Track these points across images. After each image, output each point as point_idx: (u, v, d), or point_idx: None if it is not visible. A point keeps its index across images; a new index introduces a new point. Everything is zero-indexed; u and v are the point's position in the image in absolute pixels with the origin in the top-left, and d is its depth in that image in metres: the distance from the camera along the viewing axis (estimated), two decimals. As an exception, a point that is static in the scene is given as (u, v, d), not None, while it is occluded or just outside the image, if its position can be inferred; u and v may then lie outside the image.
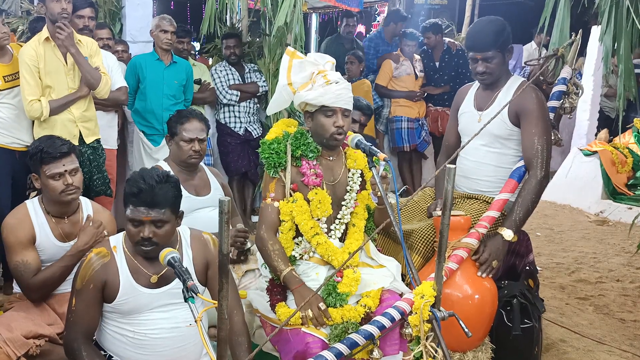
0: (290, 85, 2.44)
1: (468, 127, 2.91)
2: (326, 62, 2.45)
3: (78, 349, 2.07)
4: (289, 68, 2.44)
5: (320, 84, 2.35)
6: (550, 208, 6.53)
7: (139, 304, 2.12)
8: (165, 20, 4.42)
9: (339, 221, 2.48)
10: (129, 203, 2.06)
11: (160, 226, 2.06)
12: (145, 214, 2.03)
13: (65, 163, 2.54)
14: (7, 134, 3.44)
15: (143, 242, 2.07)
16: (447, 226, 1.91)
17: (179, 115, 3.05)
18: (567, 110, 3.09)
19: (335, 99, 2.34)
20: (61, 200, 2.55)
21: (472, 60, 2.80)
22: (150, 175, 2.07)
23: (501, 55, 2.75)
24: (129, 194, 2.05)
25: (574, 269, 4.63)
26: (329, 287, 2.33)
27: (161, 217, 2.05)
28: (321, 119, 2.38)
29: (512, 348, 2.70)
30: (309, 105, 2.40)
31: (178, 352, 2.16)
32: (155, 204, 2.03)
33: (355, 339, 2.08)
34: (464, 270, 2.55)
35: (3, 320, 2.44)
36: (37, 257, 2.54)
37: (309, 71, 2.42)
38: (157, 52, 4.47)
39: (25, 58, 3.33)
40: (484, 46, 2.73)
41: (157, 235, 2.06)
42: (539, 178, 2.65)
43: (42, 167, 2.53)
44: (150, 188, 2.02)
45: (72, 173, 2.55)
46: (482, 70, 2.77)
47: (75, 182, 2.55)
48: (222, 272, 1.48)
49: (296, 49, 2.54)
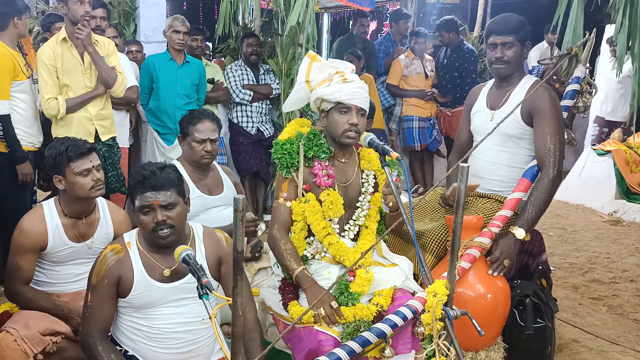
0: (307, 83, 2.47)
1: (480, 126, 2.91)
2: (346, 68, 2.48)
3: (94, 344, 2.10)
4: (308, 68, 2.47)
5: (337, 81, 2.39)
6: (563, 208, 6.49)
7: (152, 298, 2.15)
8: (178, 21, 4.46)
9: (353, 222, 2.49)
10: (136, 193, 2.11)
11: (171, 208, 2.11)
12: (154, 198, 2.08)
13: (91, 159, 2.57)
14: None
15: (159, 227, 2.10)
16: (460, 225, 1.91)
17: (190, 115, 3.06)
18: (580, 110, 3.07)
19: (350, 95, 2.36)
20: (89, 197, 2.56)
21: (491, 46, 2.79)
22: (149, 164, 2.17)
23: (520, 46, 2.75)
24: (134, 184, 2.12)
25: (587, 269, 4.60)
26: (341, 286, 2.34)
27: (168, 199, 2.10)
28: (336, 116, 2.39)
29: (525, 348, 2.69)
30: (325, 102, 2.41)
31: (191, 347, 2.19)
32: (161, 187, 2.09)
33: (368, 337, 2.09)
34: (476, 270, 2.55)
35: (20, 317, 2.47)
36: (32, 268, 2.56)
37: (327, 72, 2.45)
38: (170, 52, 4.51)
39: (44, 57, 3.39)
40: (506, 29, 2.73)
41: (170, 218, 2.10)
42: (552, 177, 2.64)
43: (70, 165, 2.53)
44: (153, 173, 2.10)
45: (97, 169, 2.59)
46: (500, 56, 2.76)
47: (102, 178, 2.59)
48: (236, 269, 1.49)
49: (308, 49, 2.56)
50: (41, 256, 2.59)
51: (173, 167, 2.20)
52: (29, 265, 2.55)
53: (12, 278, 2.55)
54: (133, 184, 2.12)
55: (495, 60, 2.78)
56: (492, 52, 2.79)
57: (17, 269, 2.53)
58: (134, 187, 2.12)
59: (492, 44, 2.79)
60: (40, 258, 2.59)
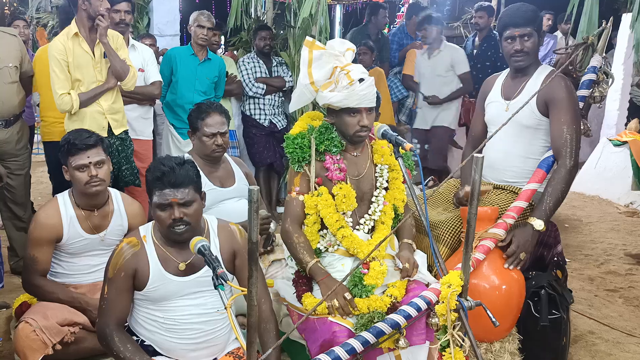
0: (312, 85, 2.39)
1: (495, 117, 2.89)
2: (346, 50, 2.37)
3: (110, 335, 2.13)
4: (309, 63, 2.37)
5: (343, 84, 2.30)
6: (579, 199, 6.43)
7: (168, 292, 2.17)
8: (204, 16, 4.46)
9: (368, 217, 2.48)
10: (154, 189, 2.12)
11: (188, 205, 2.12)
12: (172, 195, 2.09)
13: (90, 155, 2.58)
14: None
15: (175, 224, 2.11)
16: (474, 216, 1.90)
17: (198, 110, 3.05)
18: (597, 100, 3.04)
19: (359, 100, 2.31)
20: (87, 192, 2.59)
21: (509, 39, 2.76)
22: (168, 159, 2.17)
23: (537, 36, 2.73)
24: (153, 179, 2.12)
25: (603, 260, 4.57)
26: (355, 278, 2.34)
27: (186, 197, 2.10)
28: (345, 118, 2.37)
29: (540, 339, 2.68)
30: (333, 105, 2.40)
31: (207, 337, 2.21)
32: (179, 184, 2.10)
33: (382, 327, 2.10)
34: (491, 261, 2.54)
35: (39, 308, 2.51)
36: (48, 260, 2.61)
37: (329, 65, 2.35)
38: (193, 47, 4.51)
39: (55, 52, 3.39)
40: (523, 21, 2.71)
41: (187, 215, 2.11)
42: (569, 167, 2.62)
43: (69, 159, 2.58)
44: (172, 169, 2.10)
45: (97, 165, 2.59)
46: (519, 48, 2.73)
47: (100, 175, 2.58)
48: (251, 259, 1.50)
49: (321, 41, 2.52)
50: (57, 248, 2.63)
51: (192, 163, 2.20)
52: (45, 257, 2.59)
53: (30, 270, 2.59)
54: (152, 180, 2.12)
55: (515, 52, 2.76)
56: (510, 45, 2.76)
57: (34, 261, 2.57)
58: (153, 182, 2.12)
59: (510, 37, 2.76)
60: (56, 250, 2.63)
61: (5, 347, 2.98)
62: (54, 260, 2.65)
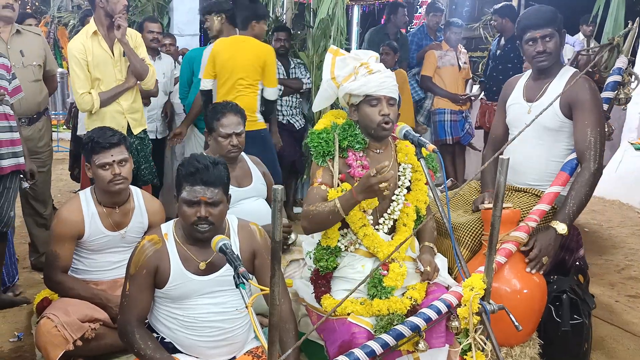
0: (333, 80, 2.44)
1: (517, 119, 2.86)
2: (370, 57, 2.44)
3: (131, 332, 2.14)
4: (332, 64, 2.45)
5: (362, 74, 2.36)
6: (599, 203, 6.34)
7: (188, 290, 2.17)
8: None
9: (388, 215, 2.46)
10: (185, 184, 2.11)
11: (216, 206, 2.12)
12: (202, 194, 2.09)
13: (113, 153, 2.60)
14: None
15: (199, 222, 2.11)
16: (498, 218, 1.88)
17: (214, 110, 3.06)
18: (622, 101, 3.00)
19: (378, 86, 2.33)
20: (109, 190, 2.62)
21: (530, 41, 2.74)
22: (203, 157, 2.17)
23: (558, 37, 2.70)
24: (185, 174, 2.12)
25: (624, 266, 4.50)
26: (374, 280, 2.33)
27: (215, 197, 2.11)
28: (366, 109, 2.37)
29: (561, 344, 2.64)
30: (354, 97, 2.39)
31: (226, 335, 2.21)
32: (211, 183, 2.10)
33: (402, 330, 2.08)
34: (512, 264, 2.51)
35: (60, 304, 2.53)
36: (70, 256, 2.63)
37: (351, 65, 2.42)
38: None
39: (74, 52, 3.41)
40: (544, 22, 2.69)
41: (212, 215, 2.12)
42: (592, 170, 2.59)
43: (93, 157, 2.61)
44: (206, 167, 2.10)
45: (120, 163, 2.61)
46: (542, 50, 2.71)
47: (123, 173, 2.61)
48: (274, 258, 1.49)
49: (339, 42, 2.54)
50: (79, 245, 2.65)
51: (224, 164, 2.20)
52: (67, 254, 2.62)
53: (52, 267, 2.62)
54: (184, 174, 2.12)
55: (537, 54, 2.73)
56: (532, 47, 2.73)
57: (56, 257, 2.60)
58: (184, 177, 2.12)
59: (532, 39, 2.73)
60: (77, 246, 2.66)
61: (26, 341, 3.01)
62: (75, 257, 2.68)
